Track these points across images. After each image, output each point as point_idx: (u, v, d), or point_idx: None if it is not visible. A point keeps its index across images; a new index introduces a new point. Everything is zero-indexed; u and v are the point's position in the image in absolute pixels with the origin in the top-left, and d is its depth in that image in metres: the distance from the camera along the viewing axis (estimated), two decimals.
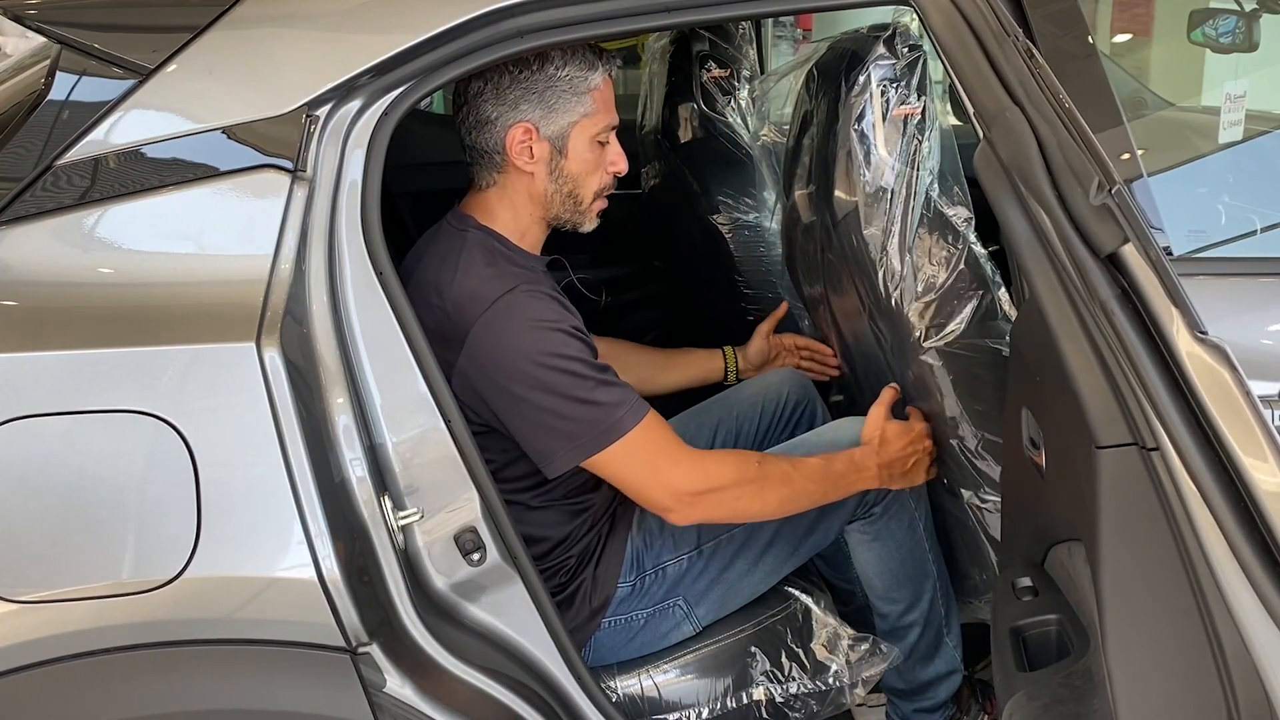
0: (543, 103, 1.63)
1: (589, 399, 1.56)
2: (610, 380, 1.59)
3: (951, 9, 1.33)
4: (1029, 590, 1.50)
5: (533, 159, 1.65)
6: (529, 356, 1.55)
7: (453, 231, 1.70)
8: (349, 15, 1.42)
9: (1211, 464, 1.10)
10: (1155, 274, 1.09)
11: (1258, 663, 1.12)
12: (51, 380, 1.24)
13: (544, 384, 1.55)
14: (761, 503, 1.69)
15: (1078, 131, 1.12)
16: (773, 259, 2.63)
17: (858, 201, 1.73)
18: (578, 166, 1.67)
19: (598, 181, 1.70)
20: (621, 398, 1.58)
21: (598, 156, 1.69)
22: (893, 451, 1.77)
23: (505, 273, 1.62)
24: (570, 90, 1.63)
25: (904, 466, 1.78)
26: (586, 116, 1.65)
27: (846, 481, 1.74)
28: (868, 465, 1.75)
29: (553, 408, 1.55)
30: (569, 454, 1.58)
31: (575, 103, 1.64)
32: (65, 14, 1.40)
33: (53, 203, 1.30)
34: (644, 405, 1.61)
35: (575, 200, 1.70)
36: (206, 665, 1.31)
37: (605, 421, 1.57)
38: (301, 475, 1.25)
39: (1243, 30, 2.14)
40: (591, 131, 1.66)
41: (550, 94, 1.63)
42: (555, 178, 1.67)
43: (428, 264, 1.68)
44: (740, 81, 2.67)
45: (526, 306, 1.57)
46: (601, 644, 1.76)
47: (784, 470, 1.69)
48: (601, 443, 1.57)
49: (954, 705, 1.98)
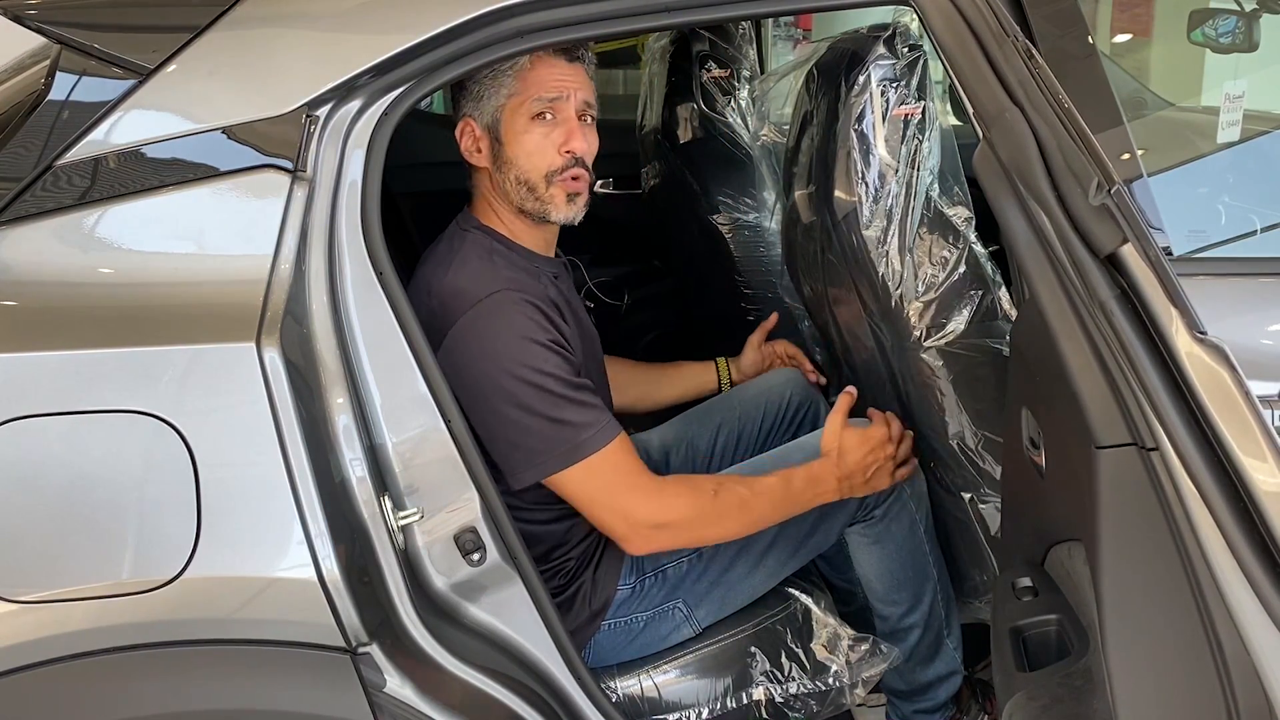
0: (470, 94, 1.65)
1: (557, 417, 1.55)
2: (582, 400, 1.58)
3: (951, 9, 1.33)
4: (1029, 590, 1.50)
5: (480, 154, 1.67)
6: (502, 366, 1.54)
7: (456, 231, 1.72)
8: (349, 15, 1.42)
9: (1211, 464, 1.10)
10: (1155, 274, 1.09)
11: (1257, 663, 1.12)
12: (51, 380, 1.24)
13: (513, 397, 1.54)
14: (720, 531, 1.69)
15: (1077, 132, 1.12)
16: (773, 259, 2.63)
17: (857, 201, 1.73)
18: (515, 149, 1.65)
19: (546, 163, 1.65)
20: (591, 419, 1.57)
21: (540, 136, 1.64)
22: (851, 463, 1.74)
23: (496, 274, 1.62)
24: (490, 78, 1.63)
25: (864, 476, 1.75)
26: (512, 96, 1.63)
27: (806, 498, 1.73)
28: (826, 479, 1.73)
29: (519, 421, 1.55)
30: (530, 469, 1.58)
31: (497, 85, 1.63)
32: (65, 14, 1.40)
33: (53, 203, 1.30)
34: (614, 429, 1.60)
35: (528, 186, 1.66)
36: (206, 665, 1.31)
37: (570, 441, 1.56)
38: (301, 475, 1.25)
39: (1243, 30, 2.14)
40: (520, 109, 1.63)
41: (474, 84, 1.65)
42: (500, 167, 1.67)
43: (429, 263, 1.69)
44: (740, 81, 2.68)
45: (508, 313, 1.56)
46: (601, 646, 1.76)
47: (740, 497, 1.68)
48: (563, 462, 1.57)
49: (954, 705, 1.98)
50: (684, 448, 2.09)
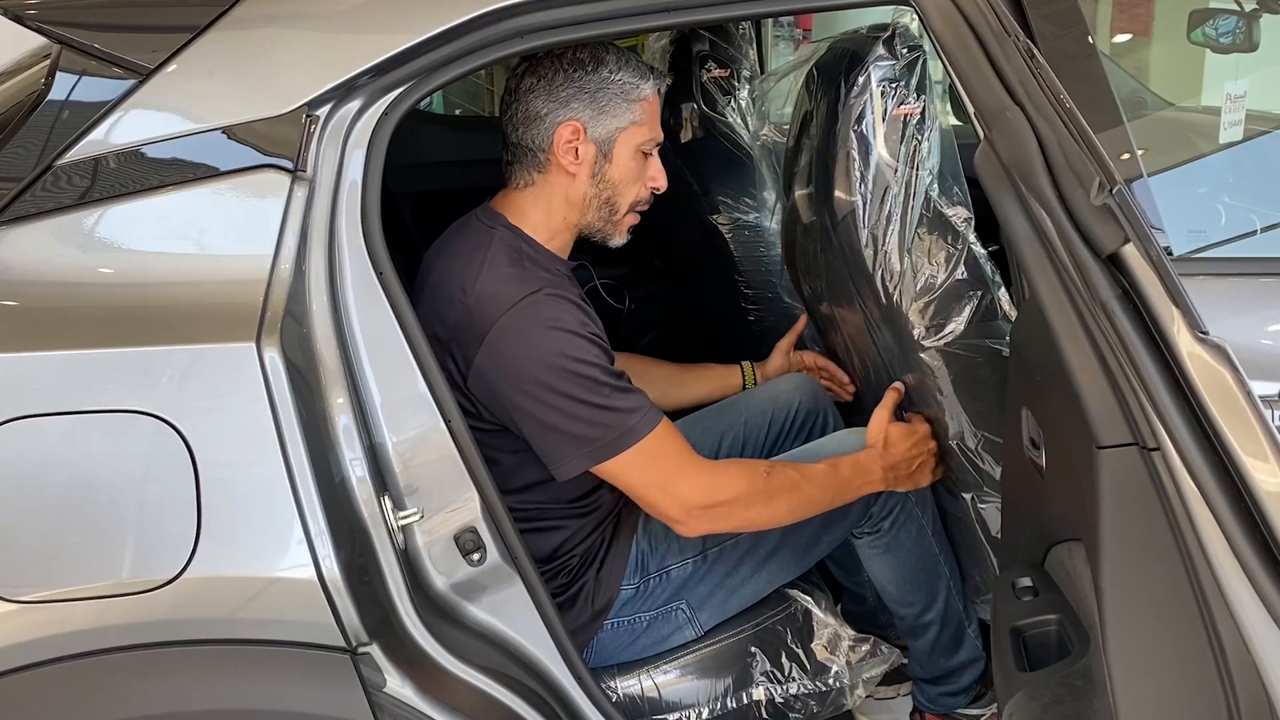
0: (594, 104, 1.64)
1: (605, 404, 1.56)
2: (626, 386, 1.59)
3: (951, 9, 1.33)
4: (1029, 590, 1.50)
5: (577, 160, 1.66)
6: (548, 359, 1.55)
7: (481, 228, 1.70)
8: (349, 15, 1.42)
9: (1212, 464, 1.10)
10: (1156, 274, 1.09)
11: (1258, 663, 1.12)
12: (51, 380, 1.24)
13: (561, 387, 1.54)
14: (770, 512, 1.68)
15: (1078, 131, 1.12)
16: (773, 259, 2.62)
17: (857, 201, 1.73)
18: (620, 173, 1.68)
19: (635, 193, 1.71)
20: (637, 404, 1.58)
21: (640, 167, 1.70)
22: (897, 454, 1.76)
23: (529, 275, 1.62)
24: (622, 95, 1.65)
25: (909, 468, 1.78)
26: (634, 124, 1.67)
27: (853, 486, 1.74)
28: (873, 468, 1.75)
29: (569, 410, 1.55)
30: (581, 458, 1.58)
31: (625, 109, 1.65)
32: (65, 14, 1.40)
33: (53, 203, 1.30)
34: (658, 413, 1.61)
35: (611, 208, 1.70)
36: (207, 665, 1.31)
37: (620, 427, 1.56)
38: (301, 475, 1.25)
39: (1243, 30, 2.14)
40: (637, 140, 1.68)
41: (602, 95, 1.64)
42: (596, 182, 1.68)
43: (452, 260, 1.67)
44: (740, 81, 2.67)
45: (549, 309, 1.57)
46: (603, 645, 1.76)
47: (792, 478, 1.69)
48: (614, 449, 1.57)
49: (979, 684, 1.99)
50: None
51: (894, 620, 1.98)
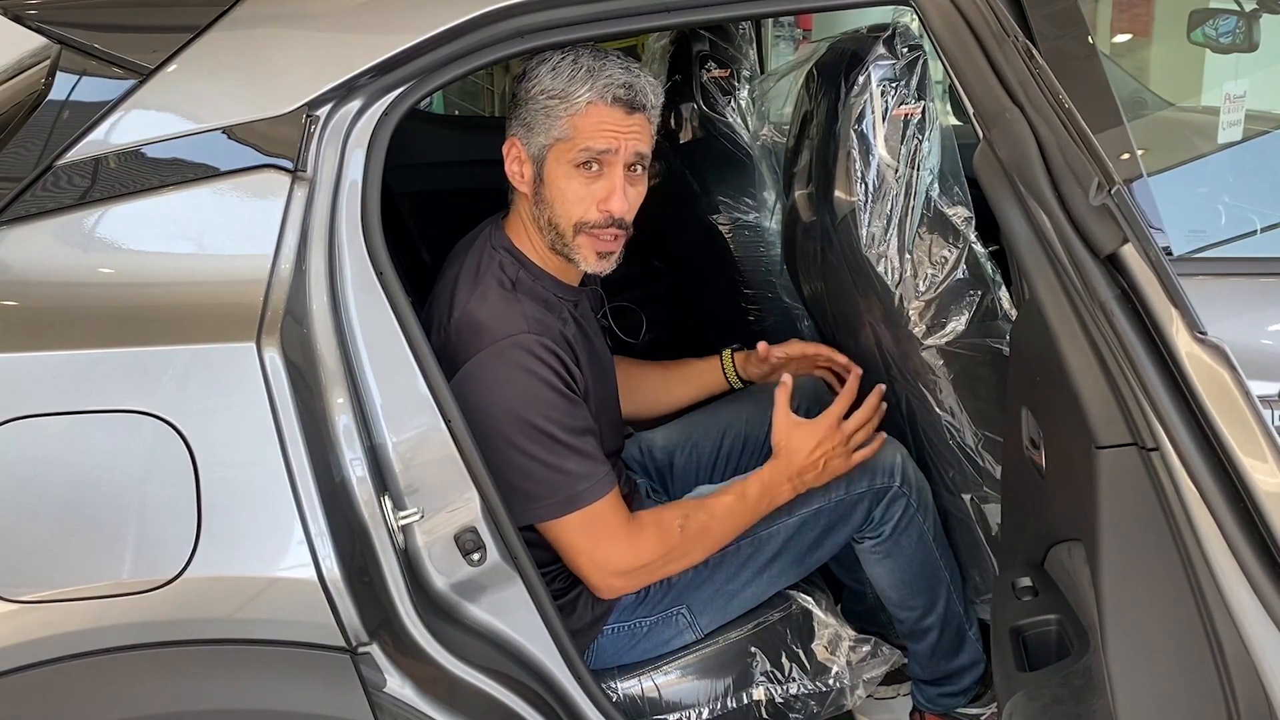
0: (522, 119, 1.60)
1: (558, 465, 1.56)
2: (584, 450, 1.58)
3: (951, 9, 1.33)
4: (1029, 590, 1.50)
5: (523, 179, 1.63)
6: (512, 409, 1.54)
7: (487, 248, 1.66)
8: (349, 15, 1.42)
9: (1211, 464, 1.10)
10: (1155, 274, 1.09)
11: (1257, 663, 1.12)
12: (51, 380, 1.24)
13: (518, 441, 1.54)
14: (687, 562, 1.70)
15: (1077, 132, 1.12)
16: (773, 259, 2.63)
17: (857, 201, 1.73)
18: (553, 193, 1.59)
19: (581, 214, 1.59)
20: (589, 470, 1.58)
21: (581, 186, 1.58)
22: (800, 461, 1.72)
23: (514, 311, 1.58)
24: (543, 110, 1.56)
25: (817, 470, 1.73)
26: (560, 140, 1.56)
27: (765, 505, 1.73)
28: (779, 482, 1.72)
29: (520, 465, 1.55)
30: (526, 512, 1.58)
31: (550, 123, 1.56)
32: (65, 14, 1.40)
33: (53, 203, 1.30)
34: (610, 482, 1.60)
35: (556, 231, 1.61)
36: (207, 665, 1.31)
37: (567, 491, 1.57)
38: (301, 475, 1.25)
39: (1243, 30, 2.14)
40: (566, 156, 1.56)
41: (526, 111, 1.59)
42: (538, 202, 1.62)
43: (462, 276, 1.64)
44: (740, 81, 2.67)
45: (523, 358, 1.54)
46: (604, 649, 1.76)
47: (703, 522, 1.68)
48: (559, 510, 1.58)
49: (979, 684, 1.99)
50: (689, 449, 2.08)
51: (895, 624, 1.98)
